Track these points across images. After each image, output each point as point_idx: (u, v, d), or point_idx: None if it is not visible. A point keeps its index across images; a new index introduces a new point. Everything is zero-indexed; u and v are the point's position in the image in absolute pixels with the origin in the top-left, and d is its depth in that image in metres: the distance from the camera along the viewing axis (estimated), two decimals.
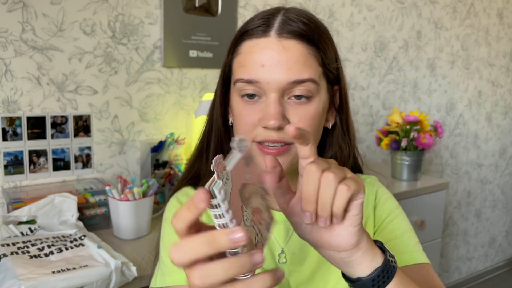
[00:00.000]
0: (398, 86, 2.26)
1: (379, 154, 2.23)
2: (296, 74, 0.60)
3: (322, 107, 0.64)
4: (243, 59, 0.63)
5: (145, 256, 1.10)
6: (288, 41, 0.60)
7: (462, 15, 2.47)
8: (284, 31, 0.61)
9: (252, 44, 0.62)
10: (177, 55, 1.54)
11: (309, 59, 0.61)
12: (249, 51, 0.62)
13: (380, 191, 0.76)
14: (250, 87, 0.61)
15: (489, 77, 2.73)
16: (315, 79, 0.61)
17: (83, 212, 1.26)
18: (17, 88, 1.29)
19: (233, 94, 0.65)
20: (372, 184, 0.78)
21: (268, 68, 0.60)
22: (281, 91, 0.60)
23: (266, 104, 0.61)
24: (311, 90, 0.61)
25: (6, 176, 1.29)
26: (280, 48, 0.60)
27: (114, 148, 1.47)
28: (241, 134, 0.65)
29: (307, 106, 0.62)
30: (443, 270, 2.71)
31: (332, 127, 0.70)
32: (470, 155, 2.73)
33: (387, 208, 0.74)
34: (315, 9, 1.86)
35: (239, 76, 0.62)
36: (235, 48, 0.65)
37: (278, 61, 0.60)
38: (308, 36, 0.61)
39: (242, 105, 0.63)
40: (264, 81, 0.60)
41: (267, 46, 0.60)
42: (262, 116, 0.61)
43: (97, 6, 1.38)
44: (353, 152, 0.73)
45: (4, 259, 0.94)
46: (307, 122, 0.62)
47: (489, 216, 2.94)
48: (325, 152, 0.71)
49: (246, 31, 0.64)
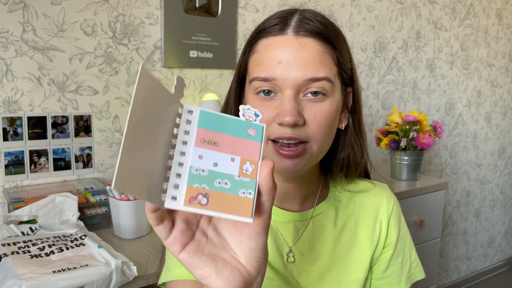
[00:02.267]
0: (398, 86, 2.26)
1: (378, 154, 2.24)
2: (312, 72, 0.60)
3: (336, 107, 0.64)
4: (259, 57, 0.62)
5: (146, 256, 1.10)
6: (305, 39, 0.61)
7: (461, 15, 2.48)
8: (301, 29, 0.61)
9: (268, 42, 0.62)
10: (178, 56, 1.54)
11: (325, 57, 0.61)
12: (266, 49, 0.62)
13: (396, 206, 0.77)
14: (267, 85, 0.61)
15: (488, 77, 2.73)
16: (331, 78, 0.61)
17: (84, 212, 1.27)
18: (18, 88, 1.29)
19: (248, 92, 0.65)
20: (388, 192, 0.78)
21: (285, 65, 0.60)
22: (296, 88, 0.60)
23: (281, 100, 0.60)
24: (326, 89, 0.61)
25: (7, 176, 1.30)
26: (297, 45, 0.60)
27: (115, 148, 1.47)
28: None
29: (322, 104, 0.61)
30: (443, 269, 2.72)
31: (345, 128, 0.70)
32: (469, 155, 2.74)
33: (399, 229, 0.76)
34: (314, 9, 1.86)
35: (255, 74, 0.62)
36: (252, 47, 0.65)
37: (295, 58, 0.59)
38: (324, 35, 0.62)
39: (257, 102, 0.63)
40: (280, 78, 0.60)
41: (284, 44, 0.60)
42: (277, 112, 0.60)
43: (97, 7, 1.38)
44: (365, 154, 0.73)
45: (5, 258, 0.94)
46: (322, 120, 0.61)
47: (488, 215, 2.95)
48: (338, 153, 0.71)
49: (263, 29, 0.63)
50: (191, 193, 0.38)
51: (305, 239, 0.71)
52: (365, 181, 0.77)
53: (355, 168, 0.71)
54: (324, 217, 0.72)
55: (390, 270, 0.74)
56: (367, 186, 0.76)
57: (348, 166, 0.71)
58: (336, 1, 1.94)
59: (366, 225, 0.74)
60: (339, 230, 0.72)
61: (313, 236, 0.71)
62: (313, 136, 0.61)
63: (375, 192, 0.76)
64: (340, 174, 0.73)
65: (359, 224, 0.74)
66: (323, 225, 0.72)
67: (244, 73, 0.67)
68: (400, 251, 0.75)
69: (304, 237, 0.70)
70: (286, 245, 0.70)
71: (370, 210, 0.75)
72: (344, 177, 0.73)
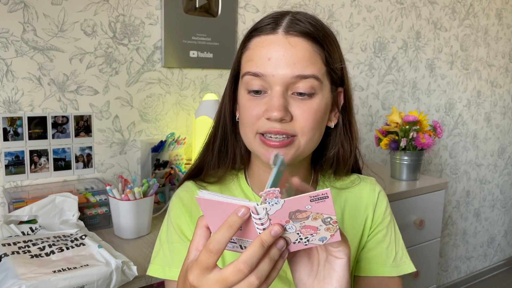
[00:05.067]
0: (398, 86, 2.26)
1: (378, 154, 2.24)
2: (300, 69, 0.63)
3: (324, 104, 0.67)
4: (251, 54, 0.66)
5: (146, 256, 1.11)
6: (294, 38, 0.64)
7: (461, 15, 2.48)
8: (291, 29, 0.64)
9: (260, 40, 0.66)
10: (178, 56, 1.54)
11: (314, 56, 0.64)
12: (257, 46, 0.66)
13: (381, 195, 0.81)
14: (257, 81, 0.64)
15: (488, 77, 2.73)
16: (318, 76, 0.64)
17: (84, 212, 1.27)
18: (18, 88, 1.29)
19: (241, 88, 0.68)
20: (374, 184, 0.81)
21: (274, 61, 0.63)
22: (285, 85, 0.63)
23: (270, 97, 0.64)
24: (313, 87, 0.64)
25: (7, 176, 1.30)
26: (286, 44, 0.63)
27: (115, 148, 1.47)
28: (246, 126, 0.67)
29: (310, 101, 0.65)
30: (442, 269, 2.72)
31: (335, 127, 0.73)
32: (469, 155, 2.74)
33: (384, 216, 0.79)
34: (314, 10, 1.87)
35: (247, 69, 0.66)
36: (245, 44, 0.68)
37: (284, 56, 0.63)
38: (313, 35, 0.64)
39: (248, 98, 0.66)
40: (270, 74, 0.63)
41: (275, 42, 0.64)
42: (266, 108, 0.64)
43: (97, 7, 1.38)
44: (355, 152, 0.76)
45: (5, 258, 0.94)
46: (309, 115, 0.64)
47: (488, 215, 2.95)
48: (328, 150, 0.74)
49: (256, 28, 0.67)
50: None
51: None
52: (352, 176, 0.81)
53: (343, 165, 0.75)
54: None
55: (374, 252, 0.77)
56: (353, 182, 0.80)
57: (337, 164, 0.75)
58: (336, 1, 1.94)
59: (353, 217, 0.78)
60: None
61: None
62: (300, 130, 0.65)
63: (361, 187, 0.80)
64: (329, 171, 0.77)
65: (346, 217, 0.78)
66: None
67: (238, 70, 0.70)
68: (386, 237, 0.78)
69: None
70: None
71: (356, 203, 0.79)
72: (333, 174, 0.77)
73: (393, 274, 0.77)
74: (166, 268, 0.72)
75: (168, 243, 0.73)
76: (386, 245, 0.78)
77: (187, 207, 0.74)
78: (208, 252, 0.46)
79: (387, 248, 0.78)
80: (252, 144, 0.67)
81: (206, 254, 0.46)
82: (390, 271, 0.77)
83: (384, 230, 0.79)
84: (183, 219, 0.73)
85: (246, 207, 0.46)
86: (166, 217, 0.77)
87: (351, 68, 2.03)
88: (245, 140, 0.69)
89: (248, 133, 0.67)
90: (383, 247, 0.78)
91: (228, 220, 0.46)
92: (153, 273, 0.73)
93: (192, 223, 0.73)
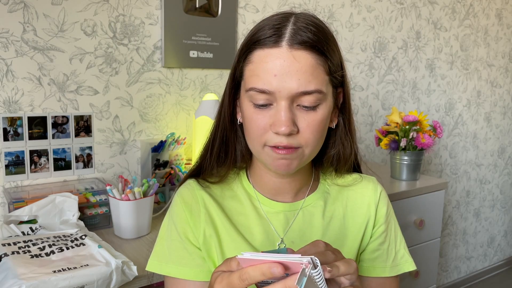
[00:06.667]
0: (398, 86, 2.26)
1: (378, 154, 2.24)
2: (304, 84, 0.63)
3: (328, 111, 0.68)
4: (256, 68, 0.66)
5: (146, 256, 1.10)
6: (298, 52, 0.64)
7: (461, 15, 2.48)
8: (294, 42, 0.64)
9: (264, 53, 0.65)
10: (178, 56, 1.54)
11: (316, 69, 0.64)
12: (261, 61, 0.65)
13: (383, 194, 0.81)
14: (263, 96, 0.65)
15: (488, 77, 2.74)
16: (322, 89, 0.65)
17: (84, 212, 1.27)
18: (18, 88, 1.29)
19: (244, 99, 0.69)
20: (376, 183, 0.82)
21: (280, 77, 0.63)
22: (290, 99, 0.64)
23: (276, 110, 0.65)
24: (318, 99, 0.65)
25: (7, 176, 1.30)
26: (291, 58, 0.63)
27: (115, 148, 1.47)
28: (253, 137, 0.68)
29: (315, 113, 0.66)
30: (442, 269, 2.72)
31: (336, 127, 0.74)
32: (469, 155, 2.74)
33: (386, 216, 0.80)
34: (314, 10, 1.87)
35: (252, 85, 0.66)
36: (247, 56, 0.68)
37: (289, 71, 0.63)
38: (317, 47, 0.65)
39: (253, 110, 0.67)
40: (276, 90, 0.64)
41: (279, 57, 0.64)
42: (273, 121, 0.65)
43: (97, 7, 1.38)
44: (355, 150, 0.77)
45: (5, 258, 0.94)
46: (314, 127, 0.66)
47: (488, 215, 2.95)
48: (329, 149, 0.75)
49: (257, 40, 0.66)
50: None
51: (295, 228, 0.75)
52: (353, 175, 0.82)
53: (344, 163, 0.76)
54: (313, 208, 0.77)
55: (375, 254, 0.78)
56: (355, 180, 0.81)
57: (338, 162, 0.76)
58: (336, 1, 1.94)
59: (354, 216, 0.78)
60: (327, 221, 0.77)
61: (303, 225, 0.76)
62: (305, 142, 0.66)
63: (363, 185, 0.81)
64: (330, 168, 0.79)
65: (347, 215, 0.78)
66: (312, 215, 0.77)
67: (240, 80, 0.70)
68: (387, 237, 0.79)
69: (295, 226, 0.75)
70: (278, 236, 0.75)
71: (358, 201, 0.79)
72: (334, 172, 0.79)
73: (391, 274, 0.78)
74: (163, 264, 0.73)
75: (167, 240, 0.74)
76: (387, 246, 0.79)
77: (188, 204, 0.75)
78: (240, 278, 0.48)
79: (388, 248, 0.79)
80: (261, 154, 0.69)
81: (237, 277, 0.48)
82: (389, 272, 0.78)
83: (386, 230, 0.79)
84: (183, 217, 0.74)
85: (282, 267, 0.46)
86: (168, 213, 0.78)
87: (351, 68, 2.03)
88: (253, 150, 0.71)
89: (255, 145, 0.68)
90: (384, 248, 0.79)
91: (264, 268, 0.46)
92: (150, 267, 0.74)
93: (192, 221, 0.73)
